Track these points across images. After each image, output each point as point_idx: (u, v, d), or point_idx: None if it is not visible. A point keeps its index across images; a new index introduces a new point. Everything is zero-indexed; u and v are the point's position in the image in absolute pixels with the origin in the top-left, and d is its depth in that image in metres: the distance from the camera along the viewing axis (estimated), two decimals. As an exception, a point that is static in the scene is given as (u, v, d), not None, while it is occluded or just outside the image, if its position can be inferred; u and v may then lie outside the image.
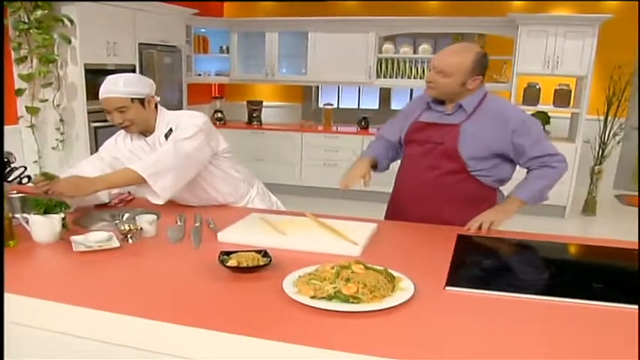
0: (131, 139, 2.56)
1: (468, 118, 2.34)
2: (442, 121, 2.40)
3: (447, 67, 2.29)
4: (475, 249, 2.17)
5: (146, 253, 1.98)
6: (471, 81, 2.30)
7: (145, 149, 2.52)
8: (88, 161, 2.61)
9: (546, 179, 2.32)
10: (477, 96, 2.35)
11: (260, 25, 6.82)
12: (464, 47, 2.36)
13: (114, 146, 2.60)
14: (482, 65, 2.30)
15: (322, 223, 2.24)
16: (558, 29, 5.70)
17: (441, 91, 2.35)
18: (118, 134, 2.63)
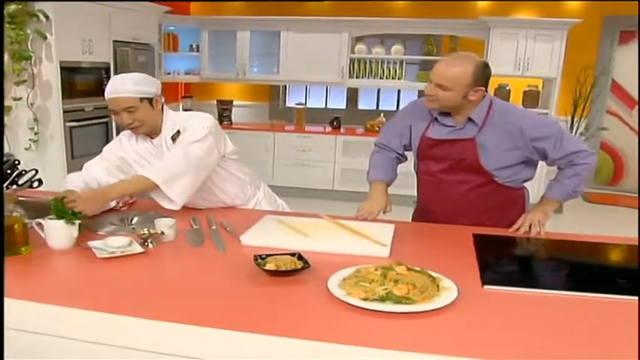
0: (136, 140, 2.49)
1: (481, 130, 2.32)
2: (455, 136, 2.36)
3: (446, 81, 2.22)
4: (494, 247, 2.18)
5: (171, 258, 1.93)
6: (472, 92, 2.24)
7: (152, 151, 2.46)
8: (94, 162, 2.53)
9: (577, 177, 2.32)
10: (483, 106, 2.32)
11: (231, 23, 6.74)
12: (463, 58, 2.28)
13: (119, 146, 2.53)
14: (483, 76, 2.25)
15: (341, 225, 2.23)
16: (528, 32, 5.85)
17: (442, 104, 2.30)
18: (122, 134, 2.56)
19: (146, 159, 2.45)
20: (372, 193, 2.49)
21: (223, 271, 1.81)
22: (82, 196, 2.04)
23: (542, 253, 2.23)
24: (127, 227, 2.25)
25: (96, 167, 2.47)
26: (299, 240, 2.04)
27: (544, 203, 2.41)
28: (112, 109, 2.35)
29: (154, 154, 2.45)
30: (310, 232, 2.10)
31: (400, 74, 6.75)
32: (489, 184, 2.37)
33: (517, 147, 2.30)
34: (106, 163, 2.49)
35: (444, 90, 2.24)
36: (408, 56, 6.76)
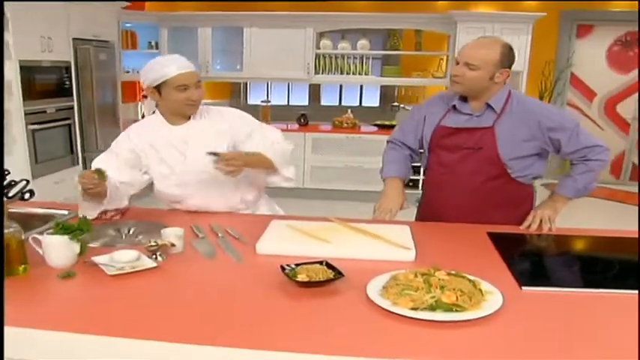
0: (149, 129, 2.39)
1: (499, 118, 2.28)
2: (472, 124, 2.32)
3: (475, 60, 2.22)
4: (515, 246, 2.15)
5: (186, 271, 1.77)
6: (499, 74, 2.24)
7: (182, 137, 2.36)
8: (105, 159, 2.36)
9: (589, 174, 2.30)
10: (502, 94, 2.30)
11: (192, 19, 6.51)
12: (491, 40, 2.30)
13: (128, 141, 2.39)
14: (509, 58, 2.25)
15: (356, 228, 2.12)
16: (495, 26, 5.85)
17: (468, 86, 2.27)
18: (130, 129, 2.45)
19: (176, 145, 2.35)
20: (388, 189, 2.43)
21: (246, 283, 1.68)
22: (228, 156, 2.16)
23: (565, 249, 2.18)
24: (127, 239, 2.08)
25: (107, 164, 2.29)
26: (319, 247, 1.92)
27: (554, 199, 2.37)
28: (182, 85, 2.24)
29: (185, 141, 2.35)
30: (329, 238, 1.99)
31: (366, 69, 6.68)
32: (502, 178, 2.32)
33: (533, 137, 2.27)
34: (117, 159, 2.35)
35: (472, 70, 2.22)
36: (374, 51, 6.70)
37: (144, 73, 2.30)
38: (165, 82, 2.23)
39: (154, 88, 2.28)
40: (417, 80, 6.62)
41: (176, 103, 2.28)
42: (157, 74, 2.24)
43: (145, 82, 2.30)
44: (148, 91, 2.32)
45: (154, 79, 2.25)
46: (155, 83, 2.25)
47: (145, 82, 2.30)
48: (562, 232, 2.30)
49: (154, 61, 2.29)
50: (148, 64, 2.29)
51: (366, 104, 7.98)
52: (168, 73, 2.22)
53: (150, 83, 2.27)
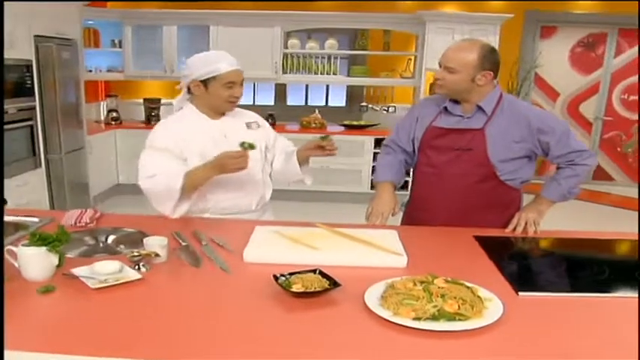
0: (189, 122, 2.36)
1: (489, 120, 2.27)
2: (463, 125, 2.32)
3: (452, 63, 2.23)
4: (504, 250, 2.15)
5: (173, 283, 1.69)
6: (480, 76, 2.23)
7: (222, 130, 2.39)
8: (165, 162, 2.29)
9: (575, 178, 2.31)
10: (493, 96, 2.30)
11: (156, 17, 6.35)
12: (470, 43, 2.28)
13: (169, 135, 2.33)
14: (490, 60, 2.24)
15: (343, 234, 2.07)
16: (464, 27, 5.89)
17: (450, 89, 2.28)
18: (165, 123, 2.43)
19: (216, 138, 2.35)
20: (381, 193, 2.43)
21: (236, 295, 1.61)
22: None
23: (552, 252, 2.19)
24: (105, 248, 1.99)
25: (163, 162, 2.28)
26: (308, 254, 1.86)
27: (538, 202, 2.37)
28: (230, 82, 2.29)
29: (225, 134, 2.38)
30: (317, 245, 1.93)
31: (335, 69, 6.64)
32: (490, 180, 2.30)
33: (523, 138, 2.27)
34: (169, 154, 2.30)
35: (452, 73, 2.24)
36: (342, 51, 6.66)
37: (192, 65, 2.30)
38: (214, 77, 2.26)
39: (199, 82, 2.28)
40: (384, 80, 6.61)
41: (220, 99, 2.31)
42: (207, 69, 2.25)
43: (190, 76, 2.30)
44: (192, 84, 2.31)
45: (203, 73, 2.26)
46: (203, 77, 2.27)
47: (191, 76, 2.29)
48: (547, 234, 2.30)
49: (205, 55, 2.33)
50: (197, 58, 2.31)
51: (332, 104, 7.93)
52: (219, 69, 2.25)
53: (197, 77, 2.27)
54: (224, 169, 2.18)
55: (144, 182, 2.27)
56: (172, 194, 2.21)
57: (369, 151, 6.30)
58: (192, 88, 2.32)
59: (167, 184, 2.22)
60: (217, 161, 2.18)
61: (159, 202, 2.27)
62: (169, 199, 2.23)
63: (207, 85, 2.28)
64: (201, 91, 2.30)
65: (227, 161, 2.15)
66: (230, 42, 6.31)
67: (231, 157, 2.15)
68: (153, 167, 2.27)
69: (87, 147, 5.54)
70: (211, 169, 2.21)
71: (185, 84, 2.35)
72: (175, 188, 2.20)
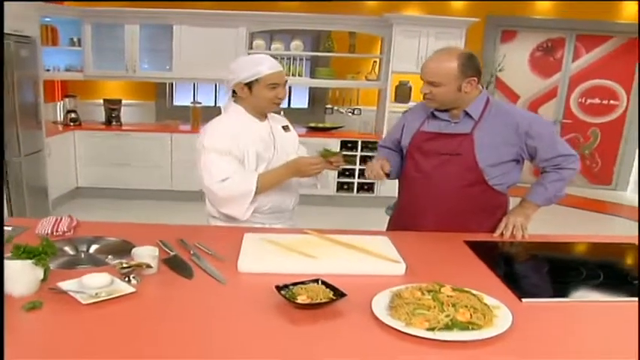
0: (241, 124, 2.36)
1: (477, 125, 2.26)
2: (451, 130, 2.30)
3: (435, 77, 2.22)
4: (497, 254, 2.16)
5: (167, 296, 1.61)
6: (465, 84, 2.22)
7: (269, 133, 2.43)
8: (232, 161, 2.30)
9: (560, 182, 2.32)
10: (480, 101, 2.29)
11: (118, 15, 6.15)
12: (447, 53, 2.26)
13: (227, 137, 2.31)
14: (471, 66, 2.23)
15: (336, 241, 2.02)
16: (429, 30, 5.93)
17: (440, 101, 2.27)
18: (217, 126, 2.37)
19: (266, 139, 2.40)
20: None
21: (236, 308, 1.55)
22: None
23: (544, 256, 2.16)
24: (87, 258, 1.89)
25: (237, 165, 2.31)
26: (305, 263, 1.81)
27: (524, 206, 2.37)
28: (273, 83, 2.32)
29: (273, 135, 2.44)
30: (313, 253, 1.88)
31: (300, 71, 6.59)
32: (479, 185, 2.29)
33: (511, 142, 2.26)
34: (234, 157, 2.30)
35: (437, 86, 2.22)
36: (308, 52, 6.61)
37: (236, 69, 2.33)
38: (257, 79, 2.29)
39: (244, 85, 2.31)
40: (350, 82, 6.59)
41: (264, 100, 2.33)
42: (251, 72, 2.29)
43: (235, 79, 2.33)
44: (238, 87, 2.34)
45: (247, 76, 2.30)
46: (247, 80, 2.30)
47: (236, 79, 2.32)
48: (535, 238, 2.31)
49: (248, 59, 2.39)
50: (241, 61, 2.36)
51: (294, 106, 7.88)
52: (262, 71, 2.29)
53: (241, 80, 2.31)
54: (301, 173, 2.31)
55: (216, 187, 2.28)
56: (246, 197, 2.28)
57: (335, 154, 6.26)
58: (238, 90, 2.36)
59: (241, 187, 2.28)
60: (295, 165, 2.29)
61: (231, 205, 2.31)
62: (243, 202, 2.29)
63: (251, 87, 2.31)
64: (246, 93, 2.33)
65: (306, 167, 2.27)
66: (194, 42, 6.19)
67: (310, 163, 2.28)
68: (223, 171, 2.27)
69: (45, 149, 5.32)
70: (286, 173, 2.32)
71: (230, 87, 2.39)
72: (250, 191, 2.27)
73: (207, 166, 2.29)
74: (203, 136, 2.34)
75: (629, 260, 2.15)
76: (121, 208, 5.94)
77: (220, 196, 2.29)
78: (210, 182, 2.28)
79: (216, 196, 2.30)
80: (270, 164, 2.36)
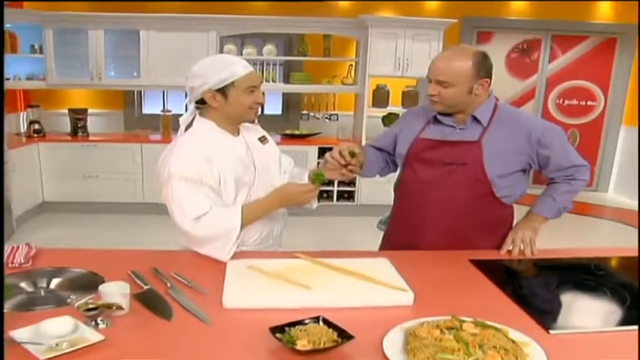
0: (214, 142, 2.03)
1: (486, 132, 2.07)
2: (456, 137, 2.10)
3: (447, 76, 2.01)
4: (509, 276, 1.99)
5: (142, 344, 1.37)
6: (477, 86, 2.03)
7: (244, 150, 2.12)
8: (207, 191, 1.96)
9: (570, 194, 2.15)
10: (489, 105, 2.10)
11: (81, 20, 5.82)
12: (460, 50, 2.08)
13: (200, 162, 1.97)
14: (485, 67, 2.04)
15: (331, 266, 1.81)
16: (407, 32, 5.76)
17: (448, 104, 2.07)
18: (184, 150, 2.00)
19: (243, 158, 2.08)
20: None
21: (226, 354, 1.33)
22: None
23: (562, 276, 1.96)
24: (48, 296, 1.64)
25: (214, 196, 1.98)
26: (300, 295, 1.60)
27: (531, 219, 2.19)
28: (251, 86, 2.01)
29: (250, 152, 2.13)
30: (307, 282, 1.66)
31: (273, 76, 6.37)
32: (486, 197, 2.10)
33: (521, 151, 2.09)
34: (209, 186, 1.97)
35: (446, 87, 2.02)
36: (282, 57, 6.39)
37: (201, 74, 1.98)
38: (233, 82, 1.97)
39: (216, 92, 1.98)
40: (326, 87, 6.37)
41: (242, 107, 2.02)
42: (224, 74, 1.96)
43: (204, 86, 1.98)
44: (208, 96, 2.00)
45: (219, 80, 1.96)
46: (221, 85, 1.97)
47: (205, 86, 1.98)
48: (545, 254, 2.13)
49: (216, 60, 2.06)
50: (207, 64, 2.01)
51: (268, 112, 7.65)
52: (237, 72, 1.97)
53: (213, 85, 1.97)
54: (291, 203, 2.03)
55: (190, 226, 1.92)
56: (229, 236, 1.92)
57: (312, 162, 6.06)
58: (208, 99, 2.01)
59: (222, 224, 1.93)
60: (284, 195, 2.01)
61: (212, 246, 1.94)
62: (226, 242, 1.92)
63: (225, 93, 1.98)
64: (220, 101, 2.00)
65: (297, 197, 1.99)
66: (162, 47, 5.91)
67: (302, 192, 1.99)
68: (197, 206, 1.92)
69: (9, 163, 5.00)
70: (275, 203, 2.04)
71: (197, 96, 2.02)
72: (234, 229, 1.93)
73: (176, 200, 1.94)
74: (167, 162, 1.98)
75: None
76: (90, 223, 5.64)
77: (197, 237, 1.94)
78: (182, 220, 1.93)
79: (191, 236, 1.95)
80: (253, 189, 2.07)
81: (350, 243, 5.18)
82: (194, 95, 2.03)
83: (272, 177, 2.15)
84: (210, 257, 1.95)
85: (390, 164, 2.35)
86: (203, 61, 2.03)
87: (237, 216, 1.94)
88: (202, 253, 1.95)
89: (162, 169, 2.00)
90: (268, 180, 2.12)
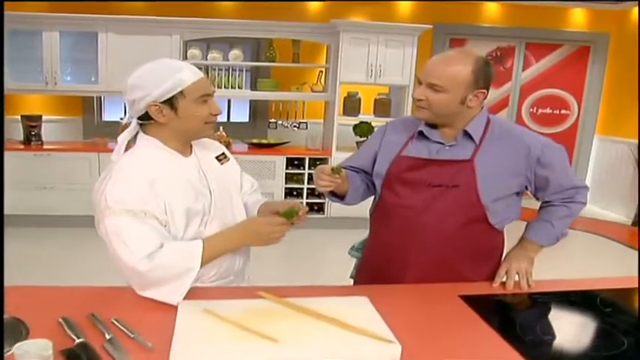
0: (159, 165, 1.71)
1: (479, 149, 1.83)
2: (445, 156, 1.85)
3: (441, 80, 1.75)
4: (507, 314, 1.76)
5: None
6: (472, 96, 1.79)
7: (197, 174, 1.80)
8: (155, 226, 1.64)
9: (569, 218, 1.92)
10: (481, 119, 1.86)
11: (34, 21, 5.44)
12: (461, 53, 1.82)
13: (143, 190, 1.64)
14: (485, 76, 1.79)
15: (300, 308, 1.54)
16: (380, 37, 5.54)
17: (435, 112, 1.81)
18: (124, 177, 1.66)
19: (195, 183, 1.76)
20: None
21: None
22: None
23: (567, 313, 1.75)
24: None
25: (163, 231, 1.66)
26: (264, 348, 1.32)
27: (526, 248, 1.96)
28: (204, 95, 1.70)
29: (204, 176, 1.81)
30: (273, 332, 1.38)
31: (239, 82, 6.07)
32: (478, 224, 1.86)
33: (518, 172, 1.85)
34: (156, 219, 1.64)
35: (437, 92, 1.76)
36: (249, 62, 6.11)
37: (144, 83, 1.66)
38: (182, 92, 1.66)
39: (162, 104, 1.66)
40: (295, 95, 6.09)
41: (196, 120, 1.70)
42: (170, 83, 1.64)
43: (147, 98, 1.66)
44: (153, 109, 1.67)
45: (165, 90, 1.65)
46: (168, 95, 1.65)
47: (149, 97, 1.65)
48: (542, 287, 1.89)
49: (159, 66, 1.70)
50: (148, 72, 1.68)
51: (234, 120, 7.37)
52: (186, 79, 1.66)
53: (158, 97, 1.65)
54: (258, 241, 1.75)
55: (143, 265, 1.59)
56: (188, 276, 1.62)
57: (280, 172, 5.79)
58: (154, 114, 1.68)
59: (179, 263, 1.62)
60: (252, 231, 1.75)
61: (163, 289, 1.62)
62: (182, 284, 1.61)
63: (174, 105, 1.67)
64: (169, 115, 1.68)
65: (265, 235, 1.73)
66: (122, 51, 5.56)
67: (273, 230, 1.72)
68: (146, 242, 1.61)
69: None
70: (240, 240, 1.77)
71: (138, 111, 1.70)
72: (191, 269, 1.63)
73: (119, 236, 1.61)
74: (103, 192, 1.65)
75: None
76: (46, 237, 5.28)
77: (148, 278, 1.60)
78: (131, 259, 1.59)
79: (143, 277, 1.61)
80: (208, 217, 1.76)
81: (321, 260, 4.94)
82: (136, 110, 1.70)
83: (232, 202, 1.87)
84: (140, 297, 1.65)
85: (371, 186, 2.07)
86: (142, 69, 1.70)
87: (196, 253, 1.64)
88: (149, 297, 1.63)
89: (98, 199, 1.67)
90: (228, 205, 1.83)
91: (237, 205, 1.89)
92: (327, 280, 2.20)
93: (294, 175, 5.90)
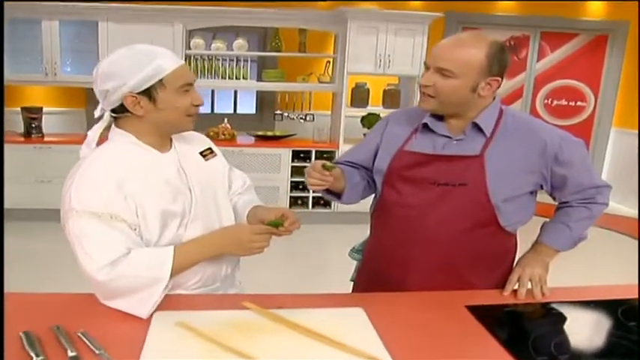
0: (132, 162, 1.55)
1: (489, 144, 1.65)
2: (453, 151, 1.68)
3: (449, 64, 1.58)
4: (520, 327, 1.57)
5: None
6: (484, 84, 1.61)
7: (175, 172, 1.63)
8: (124, 229, 1.47)
9: (589, 220, 1.75)
10: (493, 110, 1.68)
11: (33, 10, 5.29)
12: (474, 36, 1.63)
13: (112, 191, 1.48)
14: (500, 62, 1.61)
15: (287, 322, 1.38)
16: (389, 26, 5.35)
17: (443, 101, 1.63)
18: (90, 176, 1.51)
19: (172, 181, 1.59)
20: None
21: None
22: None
23: (585, 325, 1.58)
24: None
25: (133, 236, 1.49)
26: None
27: (541, 252, 1.78)
28: (185, 84, 1.55)
29: (185, 174, 1.63)
30: (254, 349, 1.23)
31: (244, 73, 5.91)
32: (488, 226, 1.69)
33: (532, 168, 1.67)
34: (124, 222, 1.48)
35: (447, 77, 1.59)
36: (253, 52, 5.94)
37: (118, 72, 1.51)
38: (161, 80, 1.51)
39: (139, 95, 1.50)
40: (301, 85, 5.92)
41: (177, 112, 1.55)
42: (148, 71, 1.49)
43: (123, 87, 1.50)
44: (130, 101, 1.51)
45: (143, 79, 1.49)
46: (146, 85, 1.50)
47: (125, 87, 1.50)
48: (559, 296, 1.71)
49: (132, 53, 1.56)
50: (122, 59, 1.54)
51: (241, 111, 7.22)
52: (165, 67, 1.52)
53: (134, 87, 1.49)
54: (239, 251, 1.60)
55: (103, 274, 1.42)
56: (156, 287, 1.44)
57: (286, 166, 5.62)
58: (131, 105, 1.52)
59: (146, 273, 1.44)
60: (234, 239, 1.58)
61: (129, 300, 1.45)
62: (150, 295, 1.44)
63: (152, 96, 1.51)
64: (147, 107, 1.53)
65: (248, 245, 1.55)
66: (123, 41, 5.14)
67: (257, 240, 1.55)
68: (109, 248, 1.45)
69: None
70: (217, 248, 1.59)
71: (112, 102, 1.54)
72: (161, 278, 1.45)
73: (80, 241, 1.46)
74: (68, 190, 1.51)
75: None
76: (46, 232, 5.12)
77: (112, 289, 1.45)
78: (91, 268, 1.43)
79: (104, 287, 1.45)
80: (188, 218, 1.59)
81: (326, 258, 4.78)
82: (109, 101, 1.54)
83: (217, 202, 1.70)
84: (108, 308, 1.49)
85: (372, 183, 1.90)
86: (115, 55, 1.55)
87: (166, 261, 1.46)
88: (115, 307, 1.47)
89: (63, 199, 1.53)
90: (212, 205, 1.67)
91: (223, 205, 1.73)
92: (330, 280, 2.06)
93: (301, 168, 5.74)
